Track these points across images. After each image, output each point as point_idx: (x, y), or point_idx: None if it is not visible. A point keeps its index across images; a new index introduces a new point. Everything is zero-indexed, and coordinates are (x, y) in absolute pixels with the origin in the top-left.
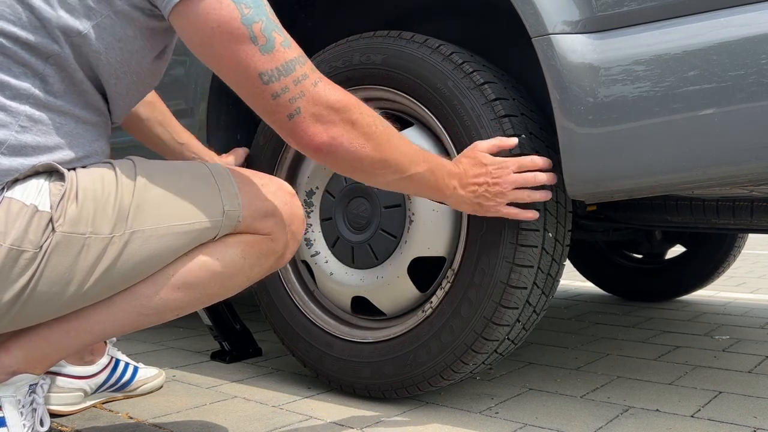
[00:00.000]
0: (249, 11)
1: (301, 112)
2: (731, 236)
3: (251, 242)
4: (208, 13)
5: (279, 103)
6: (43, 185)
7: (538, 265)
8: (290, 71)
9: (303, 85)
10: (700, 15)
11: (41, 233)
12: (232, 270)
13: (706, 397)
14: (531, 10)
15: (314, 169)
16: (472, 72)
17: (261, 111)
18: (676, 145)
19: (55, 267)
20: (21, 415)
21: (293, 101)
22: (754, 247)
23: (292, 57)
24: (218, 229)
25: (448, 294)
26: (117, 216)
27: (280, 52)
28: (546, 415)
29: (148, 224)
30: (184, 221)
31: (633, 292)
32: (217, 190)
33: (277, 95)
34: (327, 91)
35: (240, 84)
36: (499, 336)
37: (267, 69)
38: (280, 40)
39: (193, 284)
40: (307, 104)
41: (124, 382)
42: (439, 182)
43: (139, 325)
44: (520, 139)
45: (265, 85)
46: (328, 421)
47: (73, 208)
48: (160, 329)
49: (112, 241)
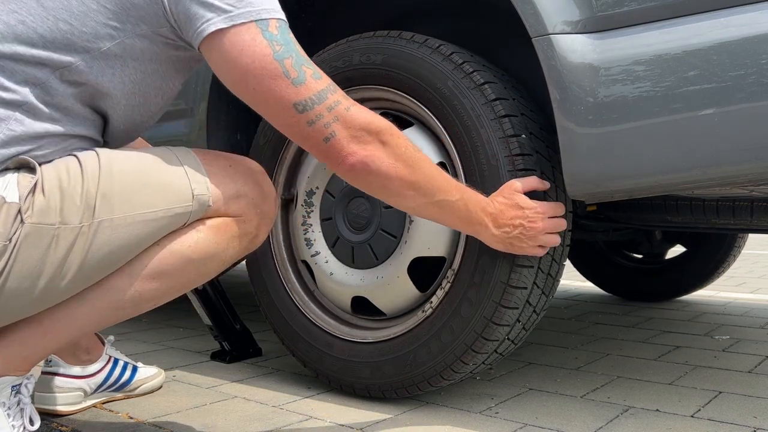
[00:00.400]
0: (280, 48)
1: (336, 135)
2: (731, 236)
3: (223, 225)
4: (242, 50)
5: (315, 129)
6: (9, 179)
7: (538, 265)
8: (323, 99)
9: (336, 111)
10: (700, 15)
11: (10, 225)
12: (205, 255)
13: (706, 397)
14: (531, 10)
15: (314, 170)
16: (472, 72)
17: (297, 138)
18: (676, 145)
19: (26, 260)
20: (8, 417)
21: (328, 126)
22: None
23: (323, 87)
24: (188, 215)
25: (448, 294)
26: (84, 205)
27: (311, 83)
28: (546, 415)
29: (115, 213)
30: (152, 209)
31: (633, 292)
32: (185, 175)
33: (313, 122)
34: (360, 114)
35: (275, 115)
36: (499, 336)
37: (301, 99)
38: (311, 72)
39: (168, 273)
40: (342, 127)
41: (123, 382)
42: (472, 215)
43: (117, 318)
44: (519, 139)
45: (300, 114)
46: (328, 421)
47: (41, 198)
48: (160, 329)
49: (81, 231)
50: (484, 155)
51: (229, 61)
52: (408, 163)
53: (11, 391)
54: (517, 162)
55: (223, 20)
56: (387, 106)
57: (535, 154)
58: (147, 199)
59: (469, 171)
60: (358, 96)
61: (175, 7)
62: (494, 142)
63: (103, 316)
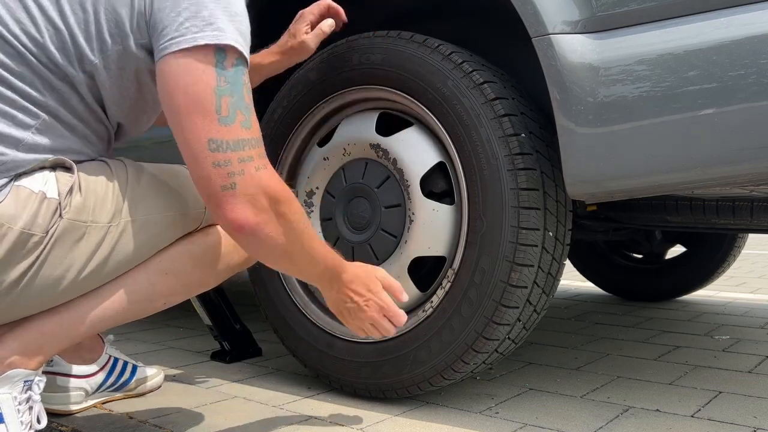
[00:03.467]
0: (225, 85)
1: (236, 188)
2: (731, 236)
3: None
4: (190, 69)
5: (217, 173)
6: (48, 176)
7: (539, 264)
8: (239, 149)
9: (246, 165)
10: (700, 15)
11: (49, 218)
12: (213, 257)
13: (706, 397)
14: (531, 10)
15: (314, 170)
16: (472, 71)
17: (196, 175)
18: (676, 145)
19: (58, 252)
20: (18, 413)
21: (231, 176)
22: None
23: (246, 137)
24: (200, 220)
25: (449, 293)
26: (114, 207)
27: (236, 129)
28: (546, 415)
29: (140, 215)
30: (171, 212)
31: (633, 292)
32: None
33: (218, 164)
34: (268, 178)
35: (187, 142)
36: (499, 335)
37: (218, 138)
38: (242, 119)
39: (179, 271)
40: (245, 184)
41: (123, 381)
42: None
43: (131, 313)
44: (519, 138)
45: (210, 152)
46: (328, 421)
47: (78, 197)
48: (160, 329)
49: (110, 230)
50: (483, 154)
51: (175, 73)
52: (294, 239)
53: (23, 386)
54: (517, 161)
55: (185, 41)
56: (386, 105)
57: (534, 153)
58: (167, 204)
59: (469, 170)
60: (358, 96)
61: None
62: (494, 141)
63: (117, 310)
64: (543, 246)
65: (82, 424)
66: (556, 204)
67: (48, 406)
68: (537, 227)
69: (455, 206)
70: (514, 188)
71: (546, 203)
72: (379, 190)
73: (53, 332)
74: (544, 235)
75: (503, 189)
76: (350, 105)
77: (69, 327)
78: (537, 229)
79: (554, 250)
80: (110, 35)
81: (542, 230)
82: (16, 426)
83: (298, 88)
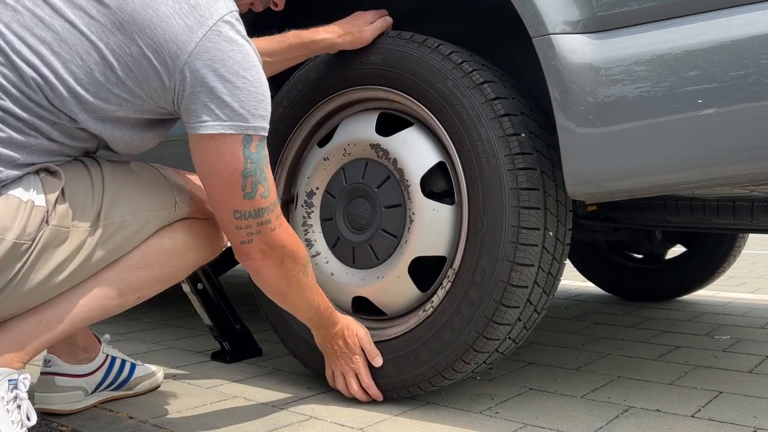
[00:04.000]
0: (251, 167)
1: (252, 243)
2: (731, 236)
3: (195, 224)
4: (220, 155)
5: (239, 233)
6: (34, 181)
7: (539, 263)
8: (258, 215)
9: (264, 227)
10: (700, 15)
11: (37, 227)
12: (182, 249)
13: (706, 397)
14: (531, 10)
15: (314, 170)
16: (472, 71)
17: (224, 228)
18: (676, 145)
19: (41, 257)
20: (7, 412)
21: (250, 235)
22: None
23: (265, 205)
24: (170, 217)
25: (449, 293)
26: (95, 210)
27: (258, 200)
28: (546, 415)
29: (117, 216)
30: (145, 211)
31: (633, 292)
32: (168, 184)
33: (240, 228)
34: (280, 238)
35: (216, 206)
36: (500, 335)
37: (242, 209)
38: (262, 191)
39: (151, 264)
40: (259, 241)
41: (122, 380)
42: (312, 326)
43: (107, 308)
44: (519, 138)
45: (234, 219)
46: (328, 421)
47: (63, 204)
48: (160, 329)
49: (89, 233)
50: (483, 154)
51: (207, 155)
52: (290, 283)
53: (8, 386)
54: (517, 161)
55: (215, 127)
56: (386, 105)
57: (535, 153)
58: (142, 204)
59: (469, 170)
60: (358, 96)
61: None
62: (494, 141)
63: (93, 307)
64: (543, 246)
65: (82, 424)
66: (556, 204)
67: (47, 406)
68: (537, 227)
69: (455, 206)
70: (515, 188)
71: (546, 203)
72: (379, 190)
73: (33, 331)
74: (544, 235)
75: (503, 189)
76: (350, 105)
77: (48, 325)
78: (537, 229)
79: (555, 250)
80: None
81: (542, 230)
82: (7, 425)
83: (298, 88)
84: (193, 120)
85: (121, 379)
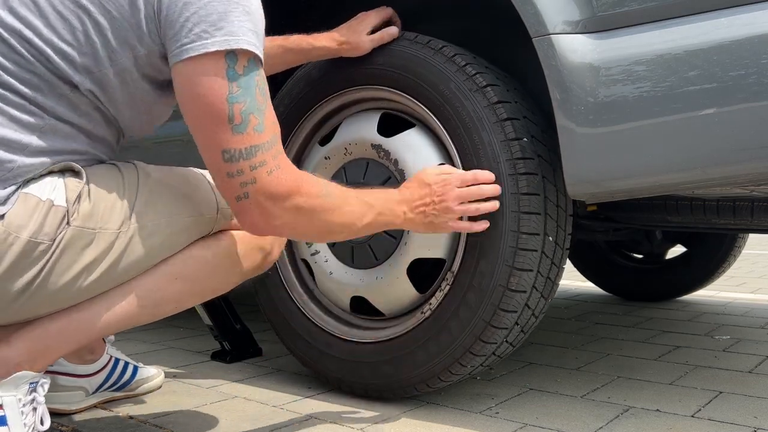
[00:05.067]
0: (238, 91)
1: (249, 197)
2: (731, 236)
3: (242, 237)
4: (202, 79)
5: (231, 184)
6: (57, 182)
7: (538, 269)
8: (251, 155)
9: (257, 173)
10: (700, 15)
11: (56, 227)
12: (225, 263)
13: (706, 397)
14: (531, 10)
15: (315, 169)
16: (475, 74)
17: (216, 182)
18: (676, 145)
19: (65, 259)
20: (22, 414)
21: (244, 185)
22: (754, 247)
23: (258, 142)
24: (213, 224)
25: (447, 296)
26: (124, 213)
27: (250, 135)
28: (546, 415)
29: (149, 220)
30: (182, 217)
31: (633, 292)
32: (211, 190)
33: (232, 175)
34: (277, 182)
35: (203, 149)
36: (497, 339)
37: (231, 148)
38: (255, 123)
39: (190, 276)
40: (256, 193)
41: (124, 382)
42: (390, 218)
43: (139, 317)
44: (521, 142)
45: (224, 162)
46: (328, 421)
47: (86, 204)
48: (160, 329)
49: (119, 236)
50: (485, 158)
51: (188, 83)
52: (321, 217)
53: (28, 389)
54: (518, 165)
55: (195, 48)
56: (388, 106)
57: (536, 158)
58: (178, 209)
59: None
60: (360, 95)
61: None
62: (496, 145)
63: (126, 314)
64: (542, 251)
65: (83, 424)
66: (556, 208)
67: (48, 405)
68: (537, 232)
69: None
70: (515, 193)
71: (546, 208)
72: None
73: (60, 335)
74: (543, 240)
75: (504, 193)
76: (352, 104)
77: (76, 330)
78: (537, 234)
79: (554, 255)
80: (120, 43)
81: (542, 235)
82: (19, 428)
83: (300, 86)
84: (174, 47)
85: (123, 381)
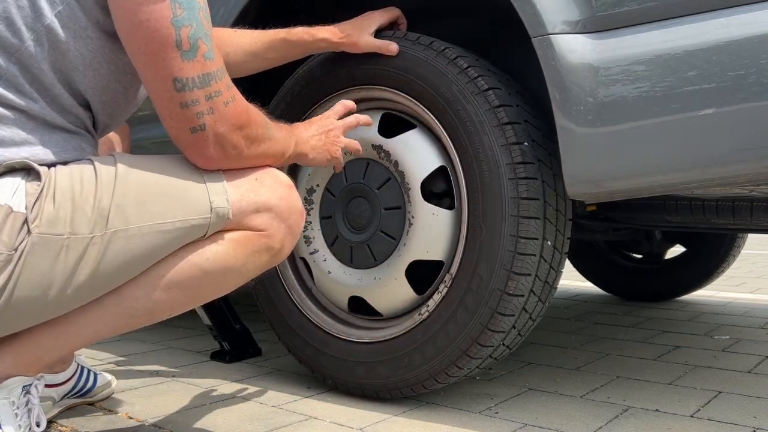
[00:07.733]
0: (182, 13)
1: (205, 129)
2: (731, 236)
3: (244, 239)
4: (141, 5)
5: (185, 114)
6: (19, 185)
7: (536, 273)
8: (205, 84)
9: (214, 102)
10: (700, 15)
11: (15, 235)
12: (223, 268)
13: (706, 397)
14: (531, 10)
15: (315, 167)
16: (477, 77)
17: (165, 116)
18: (675, 145)
19: (33, 270)
20: (16, 417)
21: (200, 116)
22: (754, 247)
23: (211, 70)
24: (207, 227)
25: (445, 298)
26: (97, 216)
27: (200, 62)
28: (546, 415)
29: (130, 223)
30: (168, 219)
31: (633, 292)
32: (204, 186)
33: (186, 105)
34: (235, 113)
35: (151, 82)
36: (494, 342)
37: (183, 76)
38: (205, 49)
39: (184, 284)
40: (213, 123)
41: (87, 389)
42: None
43: (130, 326)
44: (522, 147)
45: (176, 92)
46: (328, 421)
47: (50, 208)
48: (160, 329)
49: (93, 242)
50: (485, 162)
51: (126, 10)
52: (263, 147)
53: (21, 391)
54: (519, 170)
55: None
56: (389, 106)
57: (536, 162)
58: (162, 210)
59: (470, 176)
60: (361, 95)
61: None
62: (496, 149)
63: (116, 323)
64: (541, 255)
65: (82, 424)
66: (556, 213)
67: None
68: (536, 236)
69: (455, 211)
70: (515, 197)
71: (546, 213)
72: (379, 192)
73: (49, 345)
74: (542, 245)
75: (504, 197)
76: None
77: (65, 340)
78: (536, 239)
79: (552, 259)
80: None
81: (541, 240)
82: (14, 430)
83: (301, 83)
84: None
85: (87, 388)
